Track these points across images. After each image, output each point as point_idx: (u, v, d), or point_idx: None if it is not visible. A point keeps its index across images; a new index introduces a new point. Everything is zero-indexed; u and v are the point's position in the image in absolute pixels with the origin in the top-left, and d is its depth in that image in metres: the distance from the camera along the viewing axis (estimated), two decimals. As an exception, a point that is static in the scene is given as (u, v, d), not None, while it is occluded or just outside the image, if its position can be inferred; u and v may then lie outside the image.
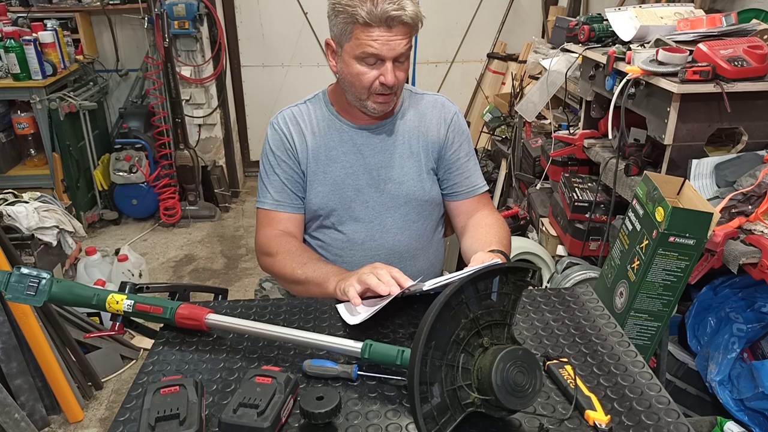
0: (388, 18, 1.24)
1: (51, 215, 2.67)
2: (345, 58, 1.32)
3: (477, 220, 1.47)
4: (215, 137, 4.11)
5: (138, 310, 1.09)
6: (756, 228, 1.41)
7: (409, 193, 1.45)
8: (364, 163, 1.44)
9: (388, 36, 1.26)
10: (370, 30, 1.25)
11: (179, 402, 0.86)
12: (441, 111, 1.49)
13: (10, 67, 3.23)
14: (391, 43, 1.27)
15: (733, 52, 1.57)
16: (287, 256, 1.37)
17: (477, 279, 0.88)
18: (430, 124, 1.47)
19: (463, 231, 1.49)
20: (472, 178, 1.51)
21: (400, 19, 1.25)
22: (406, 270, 1.49)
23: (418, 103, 1.49)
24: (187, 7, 3.58)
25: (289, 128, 1.45)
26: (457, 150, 1.48)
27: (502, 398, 0.81)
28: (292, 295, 1.56)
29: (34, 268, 1.07)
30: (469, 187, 1.50)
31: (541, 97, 2.63)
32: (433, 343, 0.82)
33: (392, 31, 1.26)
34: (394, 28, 1.26)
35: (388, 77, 1.29)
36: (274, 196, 1.45)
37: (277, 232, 1.43)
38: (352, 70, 1.32)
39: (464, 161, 1.49)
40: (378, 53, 1.27)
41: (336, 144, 1.44)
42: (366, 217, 1.45)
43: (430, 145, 1.47)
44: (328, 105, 1.47)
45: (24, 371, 2.09)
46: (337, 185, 1.44)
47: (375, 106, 1.36)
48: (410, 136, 1.46)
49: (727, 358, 1.52)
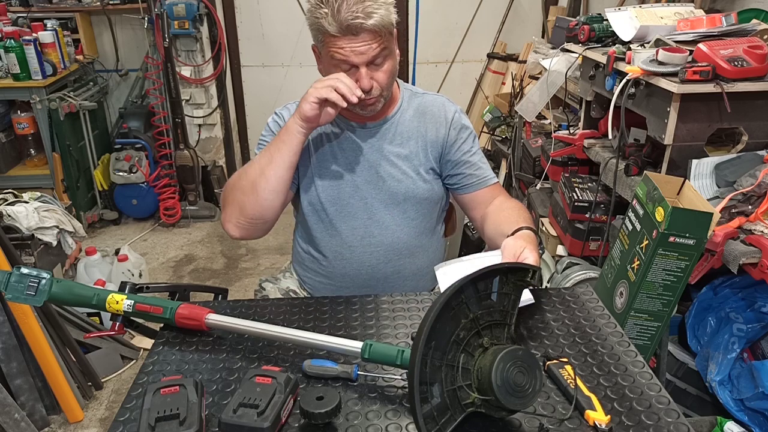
0: (350, 26, 1.23)
1: (51, 215, 2.67)
2: (325, 65, 1.34)
3: (495, 206, 1.46)
4: (215, 137, 4.11)
5: (138, 310, 1.09)
6: (756, 228, 1.41)
7: (407, 191, 1.45)
8: (363, 160, 1.45)
9: (354, 43, 1.26)
10: (337, 39, 1.26)
11: (179, 402, 0.86)
12: (441, 111, 1.49)
13: (10, 67, 3.23)
14: (359, 49, 1.27)
15: (733, 52, 1.57)
16: (237, 175, 1.38)
17: (477, 279, 0.88)
18: (429, 124, 1.47)
19: (483, 220, 1.48)
20: (480, 170, 1.50)
21: (363, 27, 1.24)
22: (405, 267, 1.50)
23: (418, 103, 1.49)
24: (187, 7, 3.58)
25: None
26: (461, 146, 1.48)
27: (502, 398, 0.81)
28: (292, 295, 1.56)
29: (34, 268, 1.07)
30: (480, 178, 1.49)
31: (541, 97, 2.63)
32: (433, 344, 0.82)
33: (358, 37, 1.25)
34: (360, 35, 1.25)
35: (363, 82, 1.29)
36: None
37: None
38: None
39: (470, 155, 1.49)
40: (347, 60, 1.28)
41: (336, 140, 1.45)
42: (364, 213, 1.45)
43: (430, 145, 1.46)
44: None
45: (24, 371, 2.09)
46: (335, 181, 1.44)
47: (360, 108, 1.36)
48: (409, 135, 1.46)
49: (727, 358, 1.52)
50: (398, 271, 1.49)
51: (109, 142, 3.91)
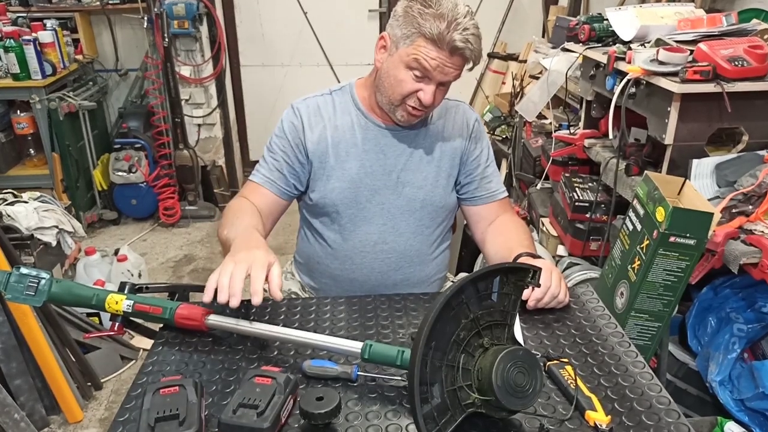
0: (453, 47, 1.24)
1: (50, 215, 2.67)
2: (395, 60, 1.30)
3: (496, 227, 1.48)
4: (215, 137, 4.10)
5: (137, 310, 1.09)
6: (756, 228, 1.41)
7: (426, 198, 1.44)
8: (385, 164, 1.42)
9: (445, 60, 1.26)
10: (432, 48, 1.25)
11: (179, 402, 0.86)
12: (463, 117, 1.49)
13: (9, 66, 3.23)
14: (445, 68, 1.27)
15: (733, 52, 1.57)
16: (228, 213, 1.35)
17: (477, 279, 0.88)
18: (453, 130, 1.47)
19: (483, 238, 1.49)
20: (492, 183, 1.51)
21: (462, 53, 1.25)
22: (414, 275, 1.48)
23: (441, 108, 1.47)
24: (187, 6, 3.57)
25: (310, 119, 1.42)
26: (478, 156, 1.49)
27: (502, 399, 0.81)
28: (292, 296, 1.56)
29: (33, 268, 1.07)
30: (489, 192, 1.50)
31: (542, 96, 2.63)
32: (433, 344, 0.82)
33: (451, 58, 1.26)
34: (454, 56, 1.26)
35: (427, 97, 1.29)
36: (266, 173, 1.43)
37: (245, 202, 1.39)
38: (397, 74, 1.30)
39: (485, 167, 1.50)
40: (429, 70, 1.27)
41: (358, 141, 1.42)
42: (380, 219, 1.43)
43: (453, 152, 1.46)
44: (355, 99, 1.44)
45: (23, 371, 2.08)
46: (353, 183, 1.41)
47: (404, 115, 1.35)
48: (434, 141, 1.45)
49: (727, 358, 1.51)
50: (407, 279, 1.48)
51: (108, 142, 3.91)
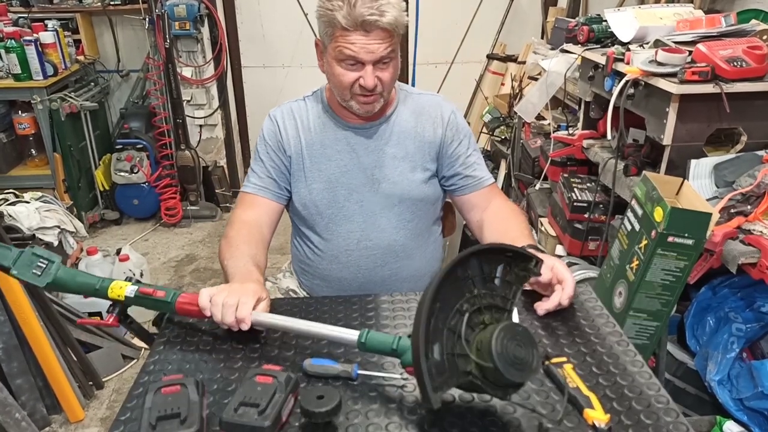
0: (364, 22, 1.24)
1: (52, 215, 2.68)
2: (328, 59, 1.34)
3: (494, 213, 1.46)
4: (216, 138, 4.11)
5: (141, 293, 1.09)
6: (755, 228, 1.42)
7: (403, 192, 1.45)
8: (358, 163, 1.44)
9: (365, 40, 1.26)
10: (348, 34, 1.26)
11: (180, 401, 0.86)
12: (437, 110, 1.48)
13: (11, 67, 3.24)
14: (369, 47, 1.27)
15: (732, 53, 1.57)
16: (230, 242, 1.34)
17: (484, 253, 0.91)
18: (426, 124, 1.47)
19: (479, 226, 1.48)
20: (477, 171, 1.49)
21: (377, 24, 1.25)
22: (402, 270, 1.50)
23: (413, 103, 1.48)
24: (188, 7, 3.58)
25: (285, 122, 1.46)
26: (458, 147, 1.48)
27: (501, 367, 0.80)
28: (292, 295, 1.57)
29: (46, 251, 1.09)
30: (475, 179, 1.49)
31: (541, 97, 2.63)
32: (438, 305, 0.82)
33: (370, 35, 1.26)
34: (372, 32, 1.26)
35: (368, 80, 1.30)
36: (257, 182, 1.46)
37: (244, 218, 1.41)
38: (334, 71, 1.33)
39: (465, 156, 1.48)
40: (356, 56, 1.28)
41: (330, 142, 1.44)
42: (360, 216, 1.45)
43: (426, 145, 1.46)
44: (324, 102, 1.47)
45: (25, 371, 2.09)
46: (330, 183, 1.44)
47: (359, 106, 1.36)
48: (405, 136, 1.46)
49: (726, 357, 1.52)
50: (395, 274, 1.49)
51: (110, 142, 3.92)
